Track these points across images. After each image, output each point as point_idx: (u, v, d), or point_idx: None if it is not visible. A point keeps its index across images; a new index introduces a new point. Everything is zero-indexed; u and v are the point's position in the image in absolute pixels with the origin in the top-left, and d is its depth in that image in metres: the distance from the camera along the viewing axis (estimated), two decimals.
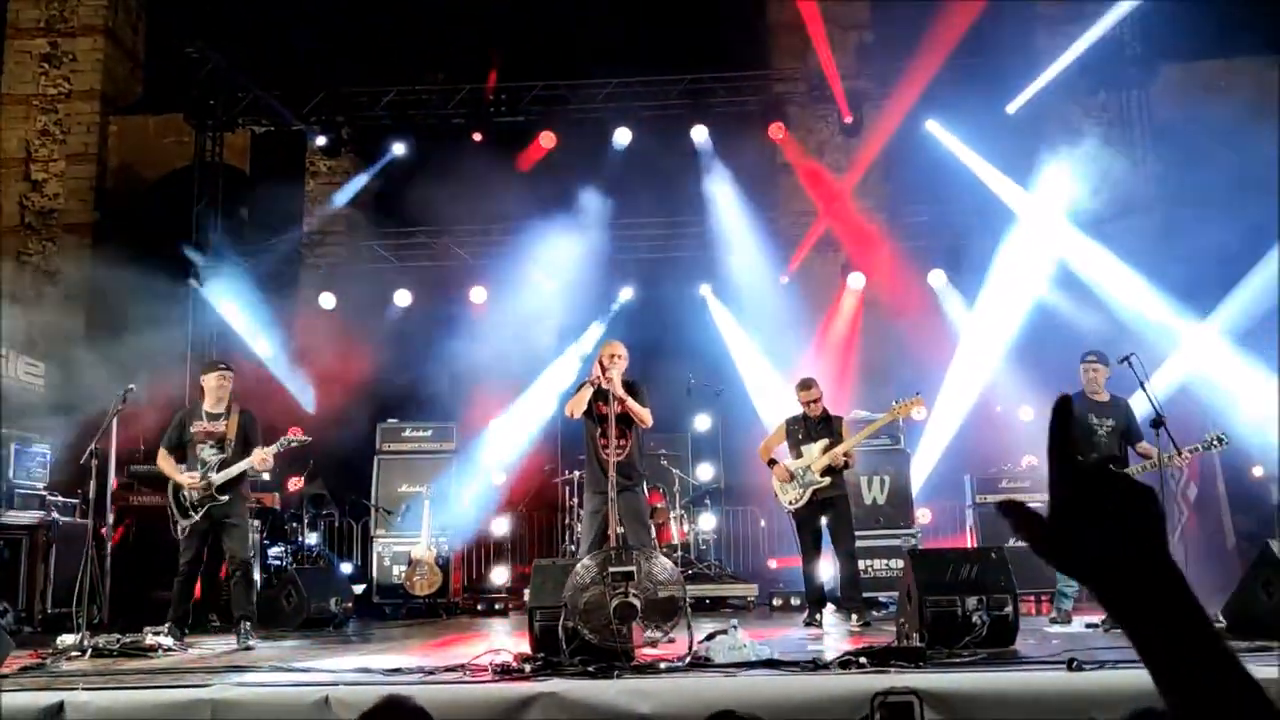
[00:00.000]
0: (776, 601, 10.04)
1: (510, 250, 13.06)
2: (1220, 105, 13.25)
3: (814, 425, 8.19)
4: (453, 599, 10.47)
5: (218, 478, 7.34)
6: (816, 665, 5.00)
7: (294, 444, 7.61)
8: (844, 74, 12.54)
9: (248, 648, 7.03)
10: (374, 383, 12.25)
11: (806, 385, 8.31)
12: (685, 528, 10.83)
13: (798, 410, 8.37)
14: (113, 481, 7.80)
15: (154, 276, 12.30)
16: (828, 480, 8.00)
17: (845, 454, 8.07)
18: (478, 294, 13.18)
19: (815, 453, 8.04)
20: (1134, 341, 9.03)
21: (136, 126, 16.32)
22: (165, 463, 7.51)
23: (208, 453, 7.44)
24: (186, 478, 7.34)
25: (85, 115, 16.04)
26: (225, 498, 7.36)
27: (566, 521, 11.01)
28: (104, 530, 7.85)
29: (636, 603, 5.24)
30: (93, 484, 6.99)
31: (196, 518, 7.35)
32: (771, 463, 8.25)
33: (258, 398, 9.70)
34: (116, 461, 8.31)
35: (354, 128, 13.25)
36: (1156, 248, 11.61)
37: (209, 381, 7.62)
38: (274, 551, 10.55)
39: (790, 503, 8.12)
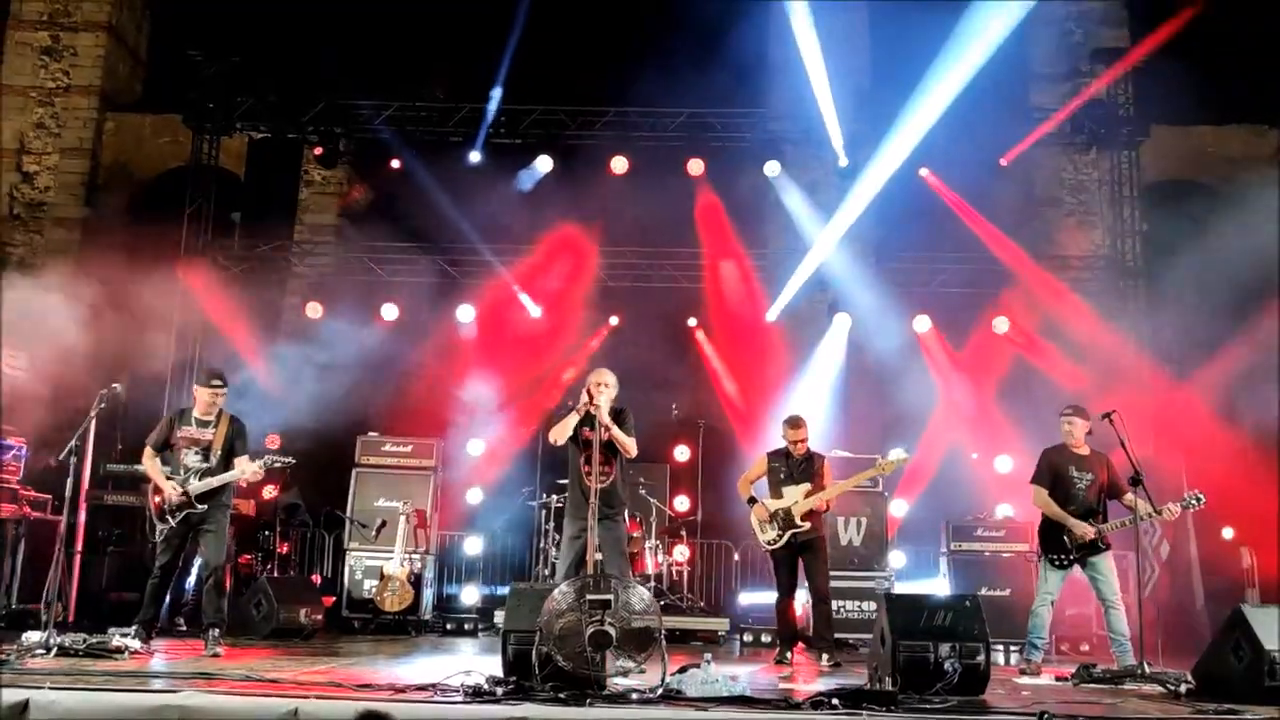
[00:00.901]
0: (747, 637, 10.02)
1: (500, 271, 13.08)
2: (1209, 169, 13.52)
3: (796, 465, 8.21)
4: (423, 617, 10.41)
5: (196, 487, 7.30)
6: (788, 704, 5.01)
7: (278, 464, 7.58)
8: (841, 117, 12.66)
9: (216, 654, 6.97)
10: (356, 394, 12.21)
11: (795, 424, 8.32)
12: (659, 558, 10.82)
13: (779, 445, 8.39)
14: (86, 481, 7.76)
15: (140, 275, 12.25)
16: (807, 525, 8.02)
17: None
18: (464, 312, 13.19)
19: (797, 496, 8.05)
20: (1115, 398, 9.12)
21: (133, 125, 16.31)
22: (150, 464, 7.47)
23: (191, 459, 7.40)
24: (168, 485, 7.29)
25: (82, 110, 16.04)
26: (203, 507, 7.32)
27: (540, 545, 10.97)
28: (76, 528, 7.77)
29: (612, 631, 5.23)
30: (69, 482, 6.92)
31: (173, 524, 7.30)
32: (751, 500, 8.26)
33: (238, 401, 9.66)
34: (93, 461, 8.28)
35: (351, 139, 13.28)
36: (1140, 305, 11.77)
37: (202, 394, 7.57)
38: (245, 559, 10.49)
39: (768, 542, 8.13)
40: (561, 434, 7.07)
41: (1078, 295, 12.13)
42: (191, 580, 9.24)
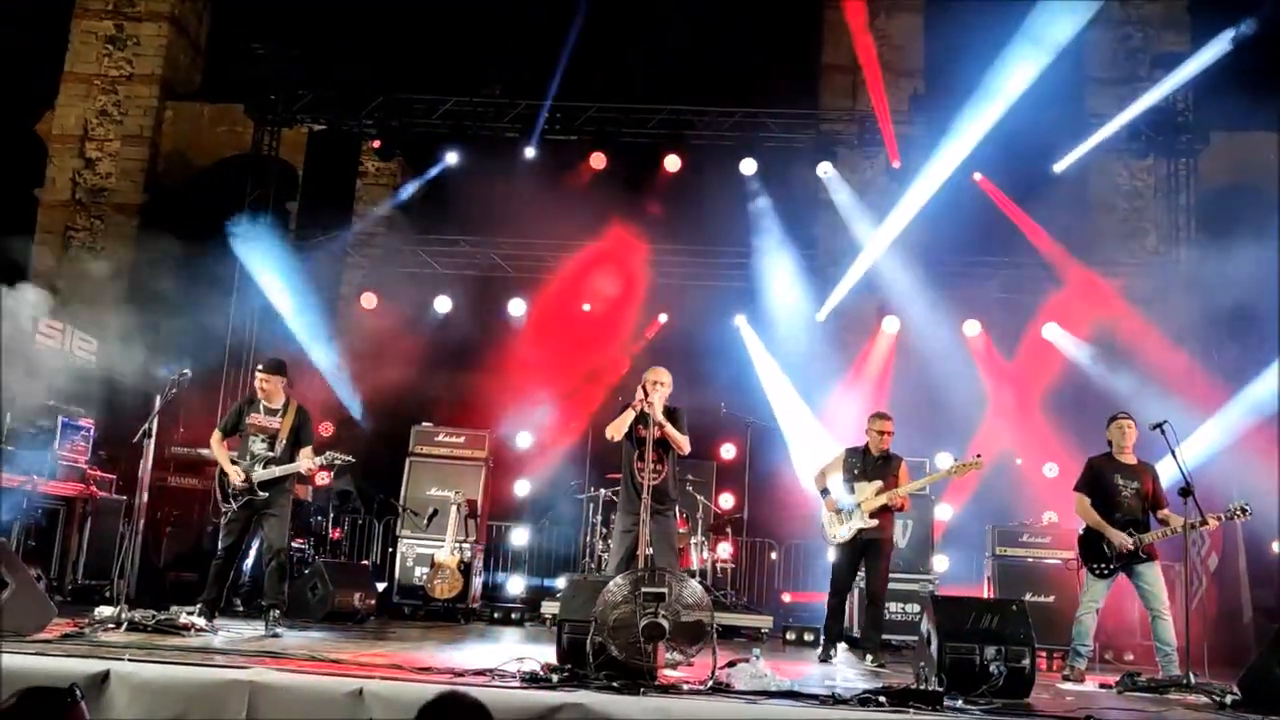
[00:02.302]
0: (790, 635, 10.11)
1: (551, 266, 13.24)
2: (1268, 176, 13.35)
3: (872, 462, 8.22)
4: (471, 605, 10.60)
5: (260, 475, 7.49)
6: (836, 699, 5.10)
7: (338, 462, 7.75)
8: (895, 119, 12.66)
9: (276, 635, 7.17)
10: (409, 385, 12.42)
11: (885, 417, 8.35)
12: (704, 554, 10.91)
13: (860, 443, 8.42)
14: (151, 463, 7.98)
15: (199, 261, 12.54)
16: (874, 522, 8.05)
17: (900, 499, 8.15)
18: (516, 306, 13.36)
19: (869, 493, 8.06)
20: (1166, 409, 9.09)
21: (192, 113, 16.67)
22: (218, 448, 7.68)
23: (258, 445, 7.60)
24: (233, 470, 7.51)
25: (144, 99, 16.41)
26: (265, 494, 7.52)
27: (587, 539, 11.11)
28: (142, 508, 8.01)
29: (665, 624, 5.35)
30: (142, 464, 7.15)
31: (235, 507, 7.52)
32: (824, 492, 8.31)
33: (296, 390, 9.90)
34: (157, 443, 8.51)
35: (408, 133, 13.48)
36: (1195, 315, 11.68)
37: (260, 381, 7.75)
38: (297, 543, 10.72)
39: (835, 536, 8.17)
40: (618, 430, 7.21)
41: (1129, 303, 12.05)
42: (249, 562, 9.48)
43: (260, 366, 7.87)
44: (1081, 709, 5.14)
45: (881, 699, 5.02)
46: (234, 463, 7.54)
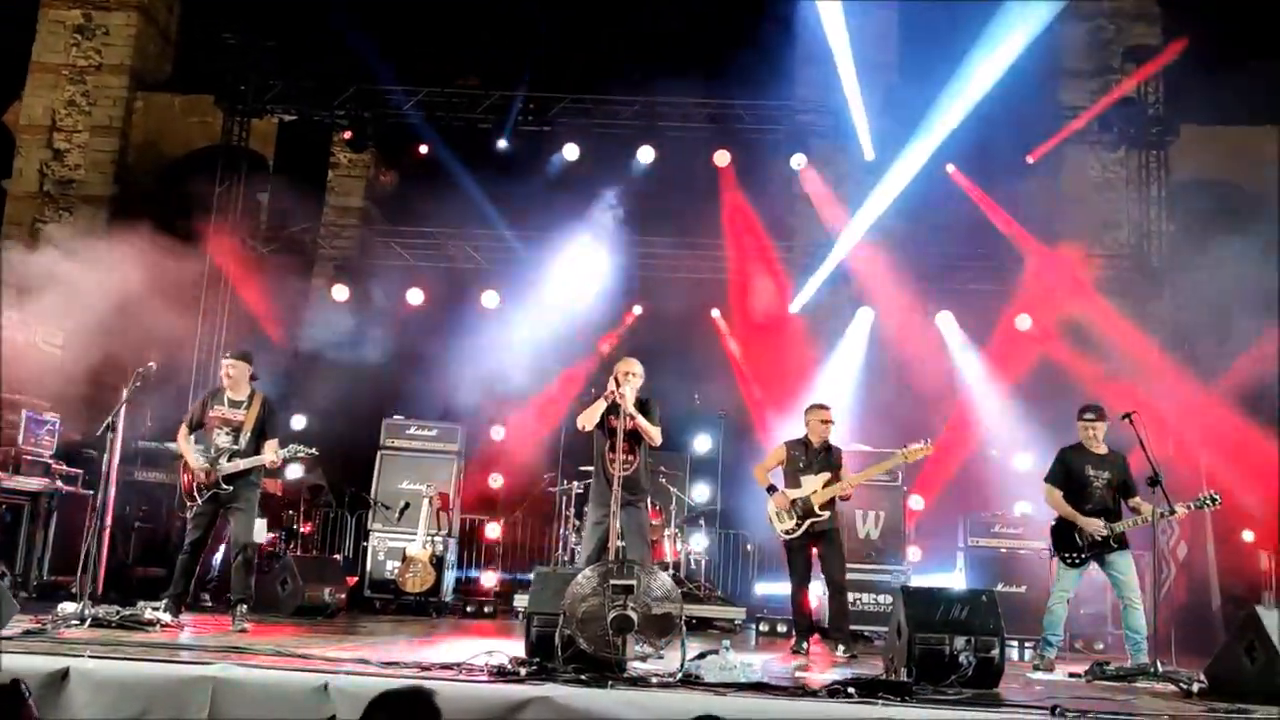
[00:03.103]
0: (763, 627, 10.12)
1: (525, 258, 13.19)
2: (1238, 169, 13.46)
3: (816, 454, 8.25)
4: (443, 598, 10.55)
5: (224, 469, 7.41)
6: (804, 691, 5.10)
7: (301, 454, 7.68)
8: (869, 112, 12.67)
9: (243, 630, 7.11)
10: (381, 377, 12.35)
11: (825, 407, 8.38)
12: (678, 546, 10.90)
13: (800, 434, 8.44)
14: (118, 457, 7.88)
15: (169, 253, 12.40)
16: (826, 514, 8.07)
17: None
18: (489, 298, 13.31)
19: (816, 485, 8.08)
20: (1136, 398, 9.15)
21: (162, 104, 16.50)
22: (183, 443, 7.60)
23: (223, 439, 7.52)
24: (197, 464, 7.43)
25: (113, 89, 16.23)
26: (230, 488, 7.44)
27: (561, 531, 11.08)
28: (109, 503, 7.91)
29: (634, 616, 5.33)
30: (105, 458, 7.06)
31: (200, 502, 7.44)
32: (771, 489, 8.31)
33: (263, 382, 9.81)
34: (124, 437, 8.41)
35: (380, 124, 13.38)
36: (1165, 306, 11.76)
37: (226, 369, 7.69)
38: (268, 537, 10.64)
39: (786, 531, 8.17)
40: (589, 420, 7.19)
41: (1102, 294, 12.11)
42: (218, 557, 9.40)
43: (228, 354, 7.79)
44: (1049, 698, 5.14)
45: (850, 690, 5.01)
46: (198, 456, 7.46)
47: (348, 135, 13.29)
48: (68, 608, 6.49)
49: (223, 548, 9.09)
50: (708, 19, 13.66)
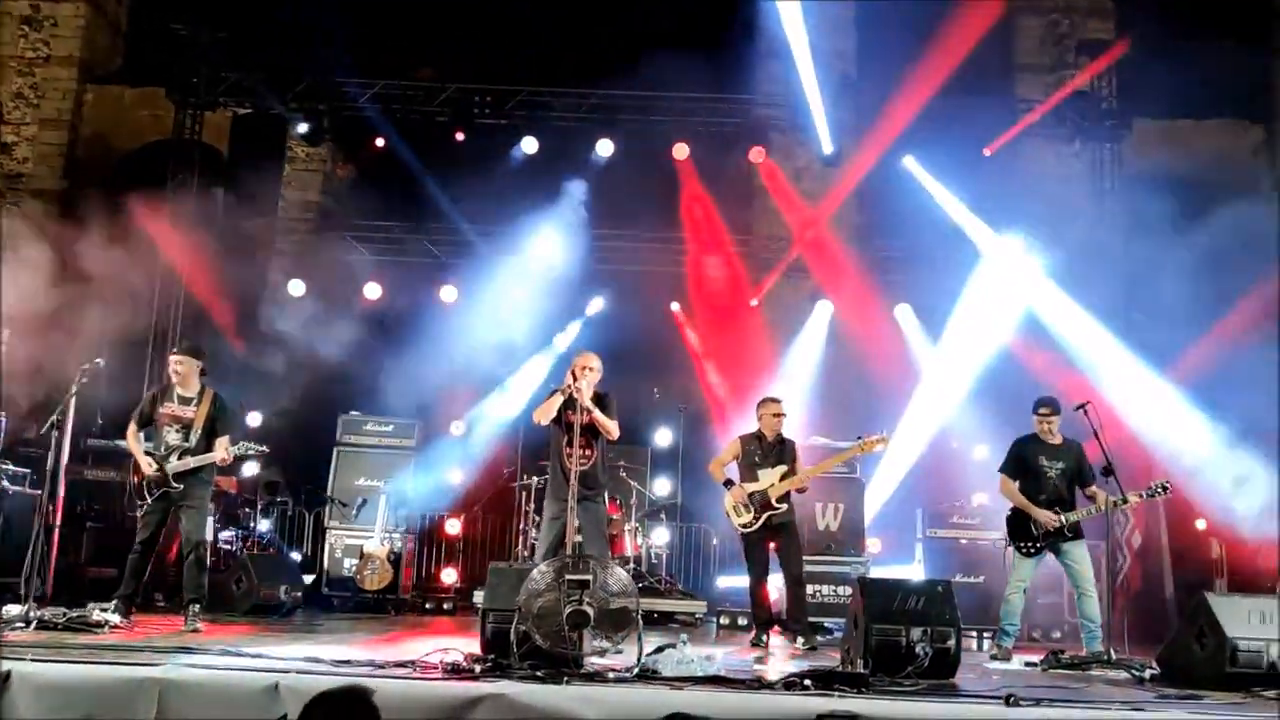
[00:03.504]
0: (724, 620, 10.13)
1: (484, 252, 13.10)
2: (1190, 163, 13.62)
3: (770, 448, 8.27)
4: (402, 596, 10.46)
5: (173, 467, 7.30)
6: (761, 684, 5.10)
7: (252, 451, 7.58)
8: (827, 105, 12.69)
9: (195, 630, 7.00)
10: (338, 373, 12.22)
11: (776, 400, 8.43)
12: (639, 541, 10.90)
13: (754, 428, 8.46)
14: (66, 455, 7.73)
15: (121, 249, 12.20)
16: (783, 507, 8.10)
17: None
18: (448, 293, 13.21)
19: (773, 478, 8.12)
20: (1090, 389, 9.24)
21: (113, 97, 16.17)
22: (132, 441, 7.47)
23: (173, 436, 7.40)
24: (145, 462, 7.31)
25: (62, 81, 15.90)
26: (180, 486, 7.32)
27: (521, 526, 11.03)
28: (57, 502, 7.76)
29: (590, 611, 5.30)
30: (50, 456, 6.93)
31: (150, 500, 7.32)
32: (728, 483, 8.32)
33: (220, 378, 9.68)
34: (73, 435, 8.25)
35: (336, 117, 13.22)
36: (1118, 298, 11.88)
37: (173, 364, 7.55)
38: (225, 535, 10.51)
39: (743, 525, 8.19)
40: (545, 414, 7.15)
41: (1059, 287, 12.20)
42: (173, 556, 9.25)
43: (174, 349, 7.66)
44: (1005, 688, 5.16)
45: (806, 682, 5.01)
46: (148, 454, 7.33)
47: (303, 128, 13.11)
48: (12, 610, 6.37)
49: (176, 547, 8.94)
50: (666, 12, 13.61)
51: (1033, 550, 7.77)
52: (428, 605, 10.56)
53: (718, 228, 13.18)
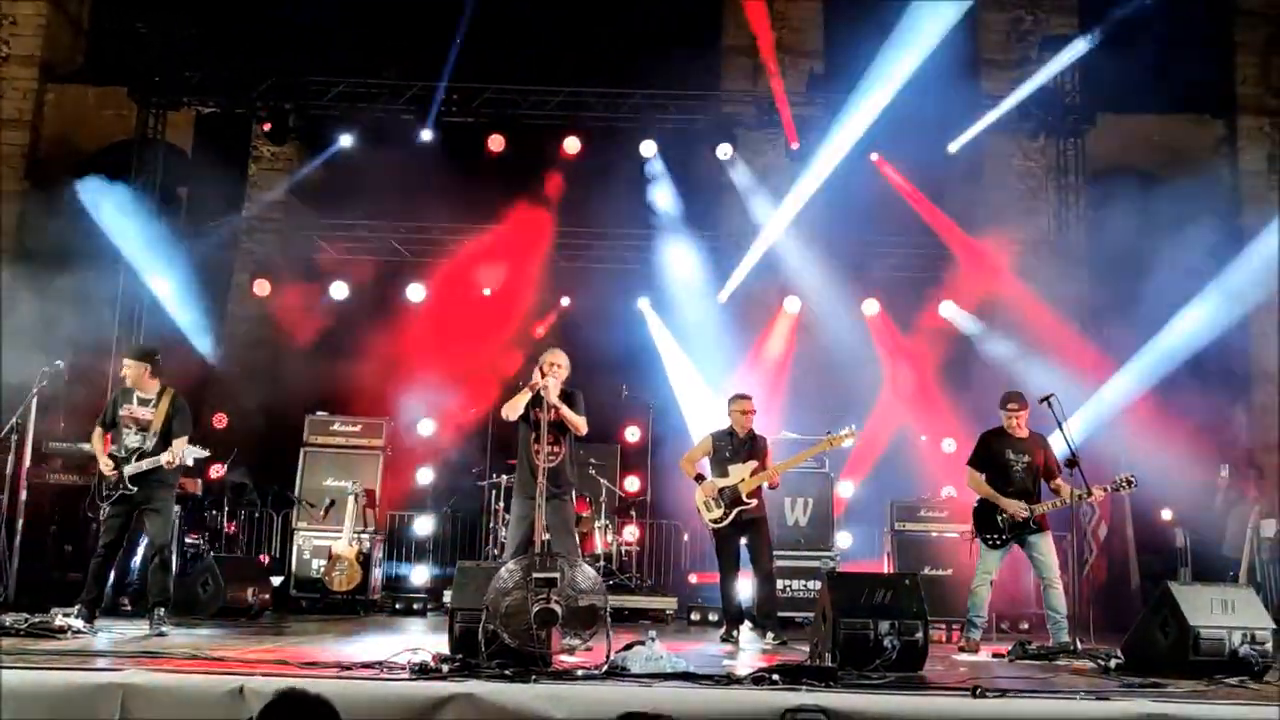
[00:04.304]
0: (695, 616, 10.15)
1: (451, 250, 13.04)
2: (1153, 157, 13.77)
3: (741, 444, 8.31)
4: (371, 596, 10.41)
5: (130, 469, 7.23)
6: (730, 679, 5.10)
7: (196, 456, 7.43)
8: (793, 101, 12.73)
9: (161, 634, 6.93)
10: (304, 373, 12.13)
11: (746, 397, 8.48)
12: (609, 538, 10.90)
13: (724, 425, 8.49)
14: (28, 459, 7.65)
15: (84, 251, 12.08)
16: (754, 502, 8.13)
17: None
18: (415, 291, 13.14)
19: (744, 474, 8.14)
20: (1055, 380, 9.32)
21: (75, 97, 15.96)
22: (96, 443, 7.43)
23: (131, 438, 7.33)
24: (104, 463, 7.27)
25: (22, 81, 15.66)
26: (135, 489, 7.25)
27: (490, 525, 11.01)
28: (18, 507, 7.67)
29: (558, 609, 5.29)
30: (10, 459, 6.84)
31: (107, 504, 7.26)
32: (699, 478, 8.34)
33: (185, 380, 9.59)
34: (34, 438, 8.16)
35: (301, 116, 13.12)
36: (1082, 291, 11.99)
37: (129, 369, 7.47)
38: (191, 539, 10.41)
39: (714, 520, 8.21)
40: (512, 411, 7.14)
41: (1023, 281, 12.31)
42: (138, 560, 9.16)
43: (128, 354, 7.65)
44: (972, 679, 5.21)
45: (775, 677, 5.02)
46: (110, 456, 7.27)
47: (267, 127, 13.00)
48: None
49: (140, 550, 8.85)
50: (633, 10, 13.60)
51: (999, 542, 7.84)
52: (398, 606, 10.50)
53: (686, 224, 13.17)
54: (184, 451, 7.21)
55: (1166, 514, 11.34)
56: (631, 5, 13.64)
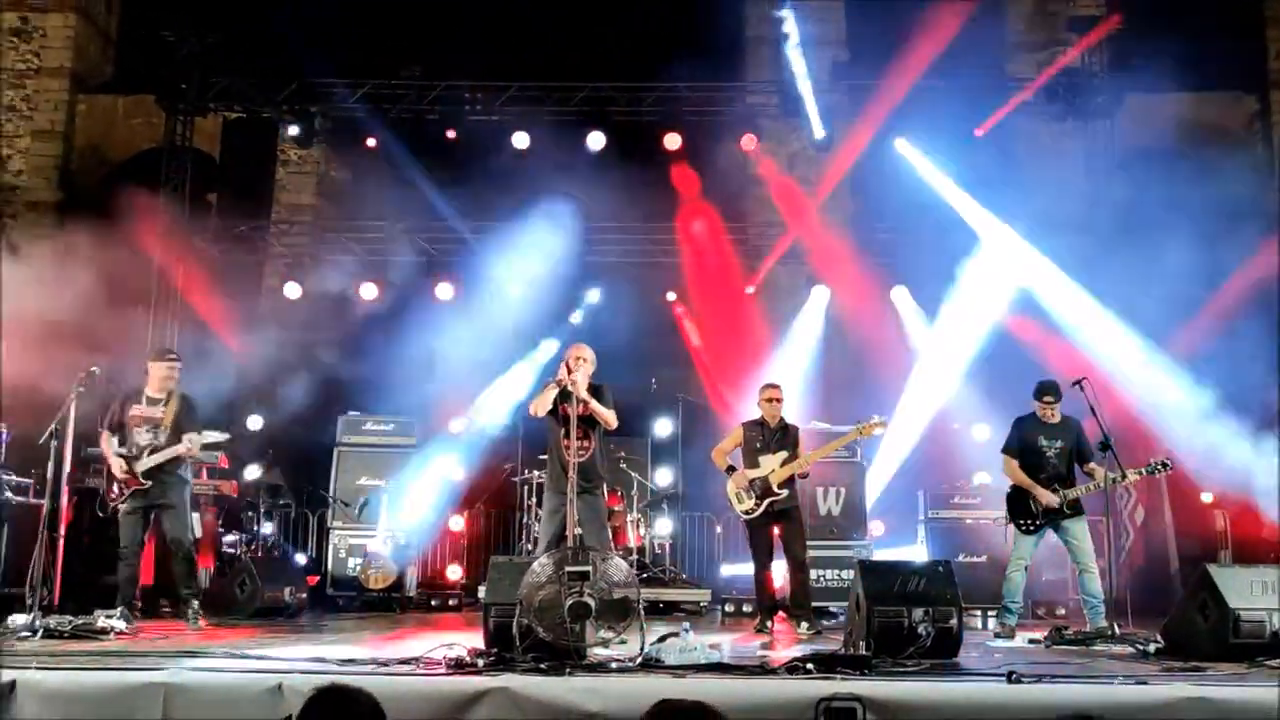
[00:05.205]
0: (729, 608, 10.14)
1: (479, 248, 13.10)
2: (1185, 137, 13.58)
3: (772, 434, 8.30)
4: (407, 594, 10.48)
5: (143, 465, 7.40)
6: (764, 669, 5.10)
7: (212, 439, 7.80)
8: (817, 89, 12.67)
9: (197, 628, 7.07)
10: (337, 374, 12.23)
11: (774, 386, 8.48)
12: (641, 531, 10.91)
13: (755, 415, 8.48)
14: (69, 463, 7.76)
15: (117, 258, 12.20)
16: (785, 492, 8.12)
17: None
18: (444, 290, 13.20)
19: (774, 464, 8.13)
20: (1088, 364, 9.23)
21: (105, 106, 16.18)
22: (106, 445, 7.61)
23: (143, 437, 7.54)
24: (116, 464, 7.43)
25: (53, 92, 15.90)
26: (149, 484, 7.41)
27: (524, 521, 11.05)
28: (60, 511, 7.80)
29: (591, 602, 5.30)
30: (50, 465, 6.95)
31: (122, 505, 7.43)
32: (730, 469, 8.34)
33: (219, 383, 9.71)
34: (74, 443, 8.25)
35: (327, 118, 13.22)
36: (1114, 274, 11.86)
37: (158, 369, 7.73)
38: (229, 539, 10.52)
39: (746, 511, 8.21)
40: (540, 407, 7.17)
41: (1055, 264, 12.19)
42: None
43: (167, 354, 7.95)
44: (1007, 665, 5.17)
45: (809, 666, 5.02)
46: (118, 455, 7.48)
47: (294, 131, 13.11)
48: (18, 620, 6.38)
49: None
50: (654, 3, 13.58)
51: (1033, 528, 7.79)
52: (433, 603, 10.57)
53: (712, 217, 13.16)
54: (200, 439, 7.43)
55: (1206, 497, 11.19)
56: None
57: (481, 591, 10.00)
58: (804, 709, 4.44)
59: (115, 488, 7.47)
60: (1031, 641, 7.24)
